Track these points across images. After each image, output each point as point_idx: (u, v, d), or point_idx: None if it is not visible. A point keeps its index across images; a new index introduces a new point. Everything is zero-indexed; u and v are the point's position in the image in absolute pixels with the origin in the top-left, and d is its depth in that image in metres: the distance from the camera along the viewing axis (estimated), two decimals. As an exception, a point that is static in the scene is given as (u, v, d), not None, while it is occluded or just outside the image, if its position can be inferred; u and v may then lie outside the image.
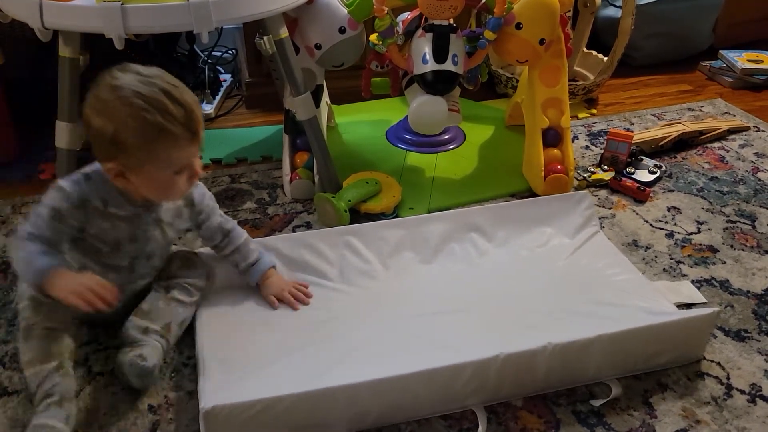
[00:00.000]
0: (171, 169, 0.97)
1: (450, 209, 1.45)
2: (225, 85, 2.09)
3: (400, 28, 1.54)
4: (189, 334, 1.15)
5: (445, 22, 1.45)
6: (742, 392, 1.07)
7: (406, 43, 1.50)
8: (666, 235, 1.44)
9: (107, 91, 0.91)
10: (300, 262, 1.26)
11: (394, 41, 1.48)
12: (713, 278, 1.31)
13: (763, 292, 1.28)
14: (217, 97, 2.02)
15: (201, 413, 0.90)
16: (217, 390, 0.97)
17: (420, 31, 1.47)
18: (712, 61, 2.27)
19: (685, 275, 1.32)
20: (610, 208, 1.53)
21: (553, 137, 1.55)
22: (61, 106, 1.29)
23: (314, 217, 1.48)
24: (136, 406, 1.03)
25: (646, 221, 1.49)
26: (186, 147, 0.96)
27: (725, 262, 1.36)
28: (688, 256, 1.38)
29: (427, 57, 1.43)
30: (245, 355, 1.07)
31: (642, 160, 1.67)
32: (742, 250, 1.40)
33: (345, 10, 1.47)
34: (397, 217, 1.47)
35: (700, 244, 1.41)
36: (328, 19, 1.47)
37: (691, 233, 1.45)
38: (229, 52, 2.21)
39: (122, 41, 1.17)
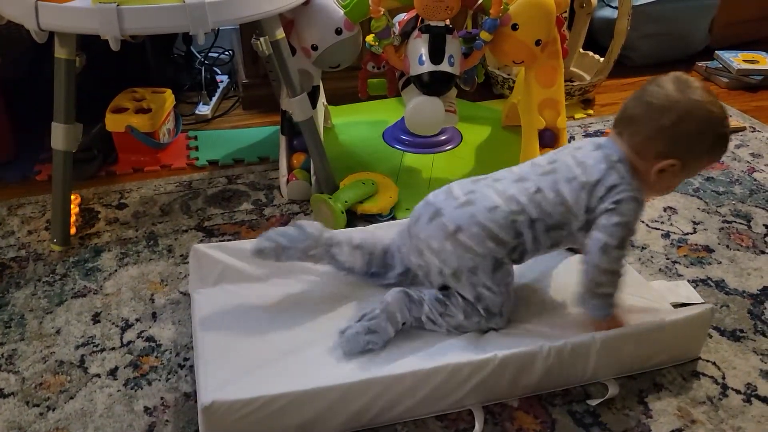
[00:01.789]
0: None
1: (446, 210, 1.44)
2: (222, 86, 2.10)
3: (397, 29, 1.54)
4: (186, 335, 1.16)
5: (442, 23, 1.45)
6: (738, 392, 1.07)
7: (403, 44, 1.50)
8: (662, 235, 1.45)
9: (696, 106, 1.02)
10: (298, 262, 1.26)
11: (390, 42, 1.48)
12: (709, 278, 1.32)
13: (758, 292, 1.28)
14: (214, 99, 2.02)
15: (200, 408, 0.91)
16: (216, 386, 0.97)
17: (416, 32, 1.47)
18: (708, 62, 2.28)
19: (680, 275, 1.32)
20: (606, 209, 1.53)
21: (549, 138, 1.55)
22: (58, 108, 1.29)
23: (311, 218, 1.48)
24: (132, 407, 1.03)
25: (642, 221, 1.49)
26: None
27: (721, 262, 1.36)
28: (684, 256, 1.38)
29: (424, 58, 1.44)
30: (245, 352, 1.07)
31: (638, 160, 1.67)
32: (738, 250, 1.40)
33: (341, 11, 1.47)
34: (393, 218, 1.47)
35: (696, 244, 1.42)
36: (324, 20, 1.48)
37: (687, 233, 1.45)
38: (226, 53, 2.22)
39: (118, 42, 1.17)
